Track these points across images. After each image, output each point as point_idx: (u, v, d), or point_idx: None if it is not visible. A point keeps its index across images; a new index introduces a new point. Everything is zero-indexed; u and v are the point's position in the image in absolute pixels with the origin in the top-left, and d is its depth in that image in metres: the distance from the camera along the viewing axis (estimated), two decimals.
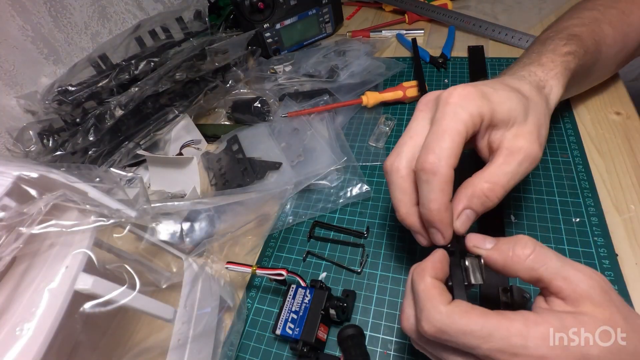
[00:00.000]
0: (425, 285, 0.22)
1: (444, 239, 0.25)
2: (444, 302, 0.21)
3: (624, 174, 0.38)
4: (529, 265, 0.21)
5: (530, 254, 0.22)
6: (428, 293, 0.22)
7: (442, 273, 0.24)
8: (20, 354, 0.18)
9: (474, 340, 0.19)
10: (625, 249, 0.33)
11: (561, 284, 0.20)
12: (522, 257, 0.22)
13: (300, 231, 0.42)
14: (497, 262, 0.23)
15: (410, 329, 0.23)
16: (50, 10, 0.52)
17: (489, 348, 0.19)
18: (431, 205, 0.24)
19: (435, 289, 0.22)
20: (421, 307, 0.22)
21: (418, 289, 0.22)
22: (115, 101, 0.47)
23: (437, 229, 0.25)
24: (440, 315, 0.21)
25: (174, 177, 0.51)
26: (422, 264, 0.24)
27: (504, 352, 0.19)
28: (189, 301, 0.31)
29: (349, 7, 0.80)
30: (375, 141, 0.49)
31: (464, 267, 0.24)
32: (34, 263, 0.21)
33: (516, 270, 0.22)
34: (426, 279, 0.23)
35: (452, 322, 0.20)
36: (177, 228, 0.40)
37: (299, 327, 0.31)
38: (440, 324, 0.20)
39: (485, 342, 0.19)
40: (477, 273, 0.23)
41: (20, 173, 0.21)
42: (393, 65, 0.56)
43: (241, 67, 0.61)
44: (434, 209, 0.24)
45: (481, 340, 0.19)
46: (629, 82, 0.47)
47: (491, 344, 0.19)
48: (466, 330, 0.20)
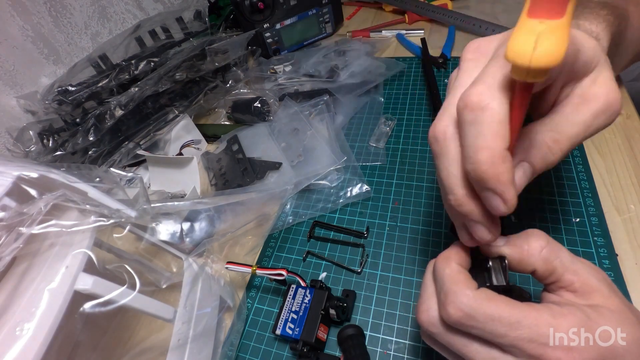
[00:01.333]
0: (452, 270, 0.22)
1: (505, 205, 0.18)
2: (471, 287, 0.20)
3: (624, 174, 0.38)
4: (545, 257, 0.21)
5: (545, 246, 0.21)
6: (455, 277, 0.21)
7: (466, 264, 0.23)
8: (20, 354, 0.18)
9: (501, 328, 0.18)
10: (625, 249, 0.33)
11: (572, 277, 0.20)
12: (538, 249, 0.21)
13: (300, 231, 0.42)
14: (513, 258, 0.22)
15: (429, 322, 0.22)
16: (50, 10, 0.52)
17: (516, 337, 0.18)
18: (481, 156, 0.17)
19: (462, 274, 0.21)
20: (446, 292, 0.21)
21: (443, 274, 0.22)
22: (115, 101, 0.47)
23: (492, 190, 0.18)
24: (467, 299, 0.19)
25: (174, 177, 0.51)
26: (446, 253, 0.23)
27: (533, 342, 0.18)
28: (189, 301, 0.31)
29: (349, 7, 0.80)
30: (375, 141, 0.49)
31: (487, 268, 0.23)
32: (34, 263, 0.21)
33: (533, 264, 0.21)
34: (452, 264, 0.22)
35: (479, 306, 0.19)
36: (177, 228, 0.40)
37: (299, 327, 0.31)
38: (468, 308, 0.19)
39: (513, 329, 0.18)
40: (500, 274, 0.22)
41: (20, 173, 0.21)
42: (393, 65, 0.56)
43: (241, 67, 0.61)
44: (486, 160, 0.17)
45: (509, 328, 0.18)
46: (629, 82, 0.47)
47: (520, 332, 0.18)
48: (494, 316, 0.19)
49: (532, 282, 0.32)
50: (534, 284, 0.32)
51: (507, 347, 0.19)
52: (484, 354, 0.20)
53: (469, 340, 0.20)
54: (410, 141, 0.48)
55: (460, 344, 0.21)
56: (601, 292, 0.20)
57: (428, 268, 0.24)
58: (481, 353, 0.20)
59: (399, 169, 0.45)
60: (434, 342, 0.23)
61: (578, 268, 0.21)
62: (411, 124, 0.50)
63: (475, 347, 0.20)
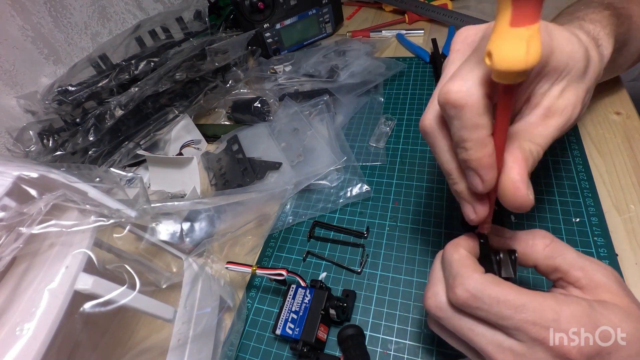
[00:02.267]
0: (460, 255, 0.23)
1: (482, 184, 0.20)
2: (479, 271, 0.22)
3: (624, 174, 0.38)
4: (547, 254, 0.22)
5: (549, 244, 0.22)
6: (463, 262, 0.22)
7: (474, 253, 0.24)
8: (20, 354, 0.18)
9: (506, 310, 0.19)
10: (625, 249, 0.33)
11: (578, 273, 0.21)
12: (542, 245, 0.22)
13: (300, 231, 0.42)
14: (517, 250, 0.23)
15: (436, 306, 0.23)
16: (50, 10, 0.52)
17: (521, 319, 0.19)
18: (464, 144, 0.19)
19: (470, 259, 0.22)
20: (454, 275, 0.22)
21: (452, 258, 0.23)
22: (115, 101, 0.47)
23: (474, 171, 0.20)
24: (474, 281, 0.21)
25: (174, 177, 0.51)
26: (456, 240, 0.24)
27: (536, 324, 0.19)
28: (189, 301, 0.31)
29: (349, 7, 0.80)
30: (375, 141, 0.49)
31: (497, 260, 0.24)
32: (34, 263, 0.21)
33: (535, 259, 0.23)
34: (461, 250, 0.23)
35: (486, 288, 0.20)
36: (177, 228, 0.40)
37: (299, 327, 0.31)
38: (475, 290, 0.20)
39: (518, 312, 0.19)
40: (510, 266, 0.23)
41: (20, 173, 0.21)
42: (393, 65, 0.56)
43: (241, 67, 0.61)
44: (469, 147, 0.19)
45: (514, 310, 0.19)
46: (629, 82, 0.47)
47: (524, 315, 0.19)
48: (500, 298, 0.20)
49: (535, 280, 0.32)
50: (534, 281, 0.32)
51: (511, 329, 0.20)
52: (489, 337, 0.21)
53: (475, 323, 0.21)
54: (410, 141, 0.48)
55: (466, 327, 0.21)
56: (608, 289, 0.20)
57: (437, 257, 0.25)
58: (486, 336, 0.21)
59: (399, 169, 0.45)
60: (440, 328, 0.24)
61: (584, 265, 0.21)
62: (411, 124, 0.50)
63: (481, 330, 0.21)
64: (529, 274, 0.33)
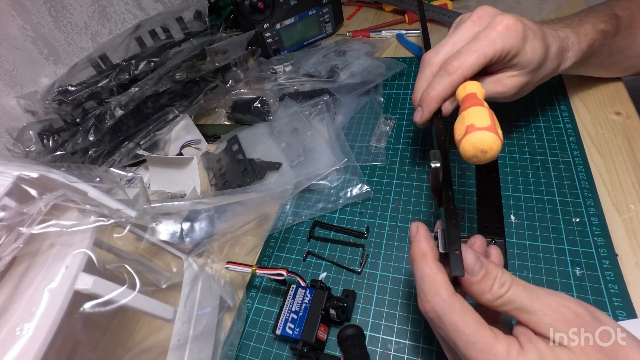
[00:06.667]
0: (431, 269, 0.23)
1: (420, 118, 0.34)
2: (448, 290, 0.22)
3: (624, 174, 0.38)
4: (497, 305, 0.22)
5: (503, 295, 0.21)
6: (434, 277, 0.22)
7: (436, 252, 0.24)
8: (20, 354, 0.18)
9: (459, 340, 0.21)
10: (625, 249, 0.33)
11: (526, 317, 0.21)
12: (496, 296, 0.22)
13: (300, 231, 0.42)
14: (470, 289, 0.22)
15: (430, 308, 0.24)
16: (50, 10, 0.52)
17: (466, 353, 0.20)
18: (431, 92, 0.32)
19: (440, 274, 0.23)
20: (425, 290, 0.22)
21: (423, 272, 0.23)
22: (115, 101, 0.47)
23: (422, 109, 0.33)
24: (442, 302, 0.21)
25: (174, 177, 0.51)
26: (421, 246, 0.24)
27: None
28: (189, 301, 0.31)
29: (349, 7, 0.80)
30: (376, 141, 0.49)
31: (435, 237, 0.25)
32: (34, 263, 0.21)
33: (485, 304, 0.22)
34: (431, 264, 0.23)
35: (449, 312, 0.21)
36: (177, 228, 0.40)
37: (299, 327, 0.31)
38: (441, 311, 0.21)
39: (468, 347, 0.20)
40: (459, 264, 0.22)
41: (20, 173, 0.21)
42: (393, 65, 0.56)
43: (241, 67, 0.61)
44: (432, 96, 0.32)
45: (464, 344, 0.20)
46: (629, 82, 0.47)
47: (470, 352, 0.20)
48: (458, 327, 0.21)
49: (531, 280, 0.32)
50: None
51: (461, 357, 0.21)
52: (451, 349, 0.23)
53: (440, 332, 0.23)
54: (410, 141, 0.48)
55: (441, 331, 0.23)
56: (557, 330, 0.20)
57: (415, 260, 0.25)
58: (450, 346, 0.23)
59: (399, 169, 0.45)
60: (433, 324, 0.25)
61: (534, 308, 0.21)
62: (411, 124, 0.50)
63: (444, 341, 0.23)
64: (529, 274, 0.33)
